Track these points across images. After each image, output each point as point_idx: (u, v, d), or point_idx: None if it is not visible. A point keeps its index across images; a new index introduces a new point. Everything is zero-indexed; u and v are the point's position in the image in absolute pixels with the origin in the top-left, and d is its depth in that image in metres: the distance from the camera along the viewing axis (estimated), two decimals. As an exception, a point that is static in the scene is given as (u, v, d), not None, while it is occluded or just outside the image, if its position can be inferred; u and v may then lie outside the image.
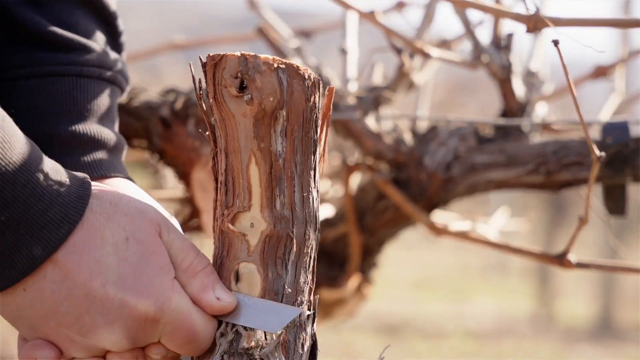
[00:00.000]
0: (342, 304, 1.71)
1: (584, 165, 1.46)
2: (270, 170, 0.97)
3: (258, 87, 0.96)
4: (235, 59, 0.96)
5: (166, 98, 1.50)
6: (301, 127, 0.98)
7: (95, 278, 0.93)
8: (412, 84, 1.63)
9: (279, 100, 0.96)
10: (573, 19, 1.13)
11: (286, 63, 0.96)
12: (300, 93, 0.97)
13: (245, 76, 0.96)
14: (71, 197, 0.93)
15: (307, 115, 0.98)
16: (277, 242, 0.98)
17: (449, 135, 1.55)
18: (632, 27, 1.14)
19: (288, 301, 0.98)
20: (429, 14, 1.63)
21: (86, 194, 0.95)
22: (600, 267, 1.46)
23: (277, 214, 0.98)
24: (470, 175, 1.53)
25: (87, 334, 0.94)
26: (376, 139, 1.55)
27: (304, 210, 0.99)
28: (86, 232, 0.93)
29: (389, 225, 1.64)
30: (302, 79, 0.97)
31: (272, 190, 0.97)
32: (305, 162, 0.99)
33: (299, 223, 0.99)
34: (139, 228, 0.96)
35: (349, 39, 1.68)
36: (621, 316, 7.60)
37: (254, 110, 0.96)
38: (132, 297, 0.94)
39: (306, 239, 0.99)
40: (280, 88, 0.96)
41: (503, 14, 1.20)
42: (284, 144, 0.97)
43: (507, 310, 7.70)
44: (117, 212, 0.95)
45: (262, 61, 0.96)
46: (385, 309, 7.07)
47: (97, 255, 0.94)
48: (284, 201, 0.98)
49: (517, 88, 1.58)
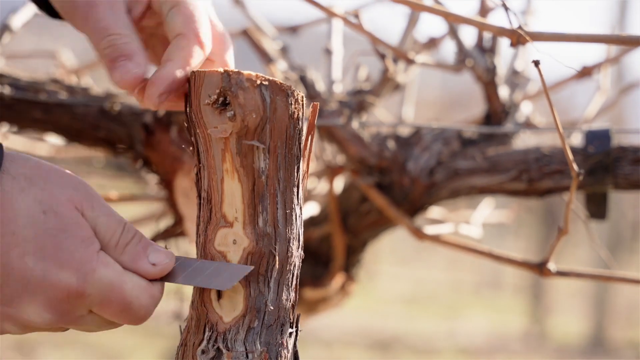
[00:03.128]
0: (326, 302, 1.72)
1: (565, 174, 1.47)
2: (253, 187, 0.97)
3: (241, 104, 0.95)
4: (218, 75, 0.96)
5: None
6: (284, 143, 0.98)
7: (12, 249, 0.91)
8: (396, 86, 1.63)
9: (262, 117, 0.96)
10: (556, 34, 1.13)
11: (269, 79, 0.96)
12: (284, 109, 0.97)
13: (228, 93, 0.96)
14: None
15: (290, 132, 0.98)
16: (260, 259, 0.98)
17: (433, 139, 1.55)
18: (615, 44, 1.14)
19: (270, 319, 0.98)
20: (413, 19, 1.64)
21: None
22: (580, 275, 1.47)
23: (259, 231, 0.98)
24: (453, 181, 1.53)
25: (10, 304, 0.93)
26: (360, 145, 1.55)
27: (287, 227, 0.99)
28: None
29: (373, 227, 1.65)
30: (285, 96, 0.97)
31: (254, 207, 0.97)
32: (288, 178, 0.99)
33: (282, 240, 0.98)
34: (57, 202, 0.93)
35: (334, 39, 1.68)
36: (613, 333, 7.60)
37: (237, 126, 0.96)
38: (53, 268, 0.92)
39: (289, 256, 0.99)
40: (263, 105, 0.96)
41: (487, 27, 1.20)
42: (267, 161, 0.97)
43: (499, 327, 7.69)
44: (32, 185, 0.93)
45: (246, 77, 0.96)
46: (377, 325, 7.06)
47: (12, 227, 0.91)
48: (266, 218, 0.98)
49: (502, 90, 1.59)
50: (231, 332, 0.98)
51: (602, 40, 1.18)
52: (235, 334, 0.97)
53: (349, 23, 1.47)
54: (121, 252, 0.96)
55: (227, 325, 0.98)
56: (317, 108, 1.02)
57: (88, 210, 0.95)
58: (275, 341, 0.98)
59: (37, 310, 0.94)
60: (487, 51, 1.58)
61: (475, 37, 1.59)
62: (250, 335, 0.98)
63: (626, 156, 1.44)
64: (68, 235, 0.93)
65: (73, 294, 0.93)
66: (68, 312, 0.95)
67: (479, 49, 1.58)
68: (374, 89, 1.60)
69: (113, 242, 0.96)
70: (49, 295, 0.93)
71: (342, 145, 1.55)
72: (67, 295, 0.93)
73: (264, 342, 0.98)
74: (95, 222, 0.95)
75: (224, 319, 0.98)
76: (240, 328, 0.98)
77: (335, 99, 1.58)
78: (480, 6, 1.61)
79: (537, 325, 7.93)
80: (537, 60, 1.07)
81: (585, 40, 1.14)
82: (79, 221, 0.94)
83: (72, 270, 0.93)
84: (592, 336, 7.65)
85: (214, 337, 0.98)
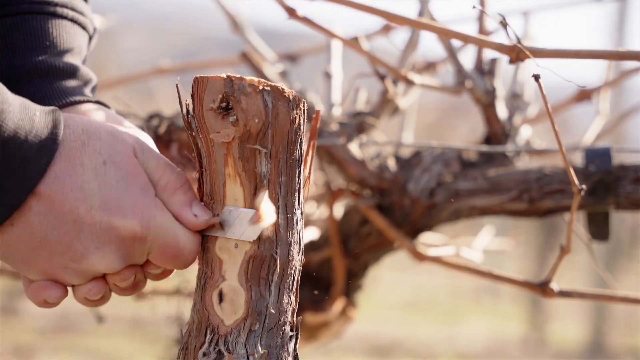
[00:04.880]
0: (327, 327, 1.72)
1: (566, 193, 1.46)
2: (254, 192, 0.98)
3: (243, 109, 0.96)
4: (221, 80, 0.97)
5: (150, 123, 1.51)
6: (286, 148, 0.99)
7: (80, 204, 0.95)
8: (396, 108, 1.64)
9: (264, 122, 0.97)
10: (555, 50, 1.14)
11: (271, 85, 0.97)
12: (285, 115, 0.98)
13: (230, 98, 0.96)
14: (44, 128, 0.94)
15: (291, 137, 0.99)
16: (261, 263, 0.98)
17: (433, 160, 1.55)
18: (614, 59, 1.15)
19: (271, 322, 0.99)
20: (413, 40, 1.64)
21: (58, 122, 0.96)
22: (583, 295, 1.46)
23: (261, 235, 0.98)
24: (454, 201, 1.53)
25: (80, 259, 0.97)
26: (360, 166, 1.56)
27: (288, 232, 0.99)
28: (65, 161, 0.95)
29: (373, 250, 1.64)
30: (287, 101, 0.98)
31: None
32: (289, 183, 0.99)
33: (283, 244, 0.99)
34: (114, 151, 0.97)
35: (333, 63, 1.69)
36: (613, 340, 7.59)
37: (240, 131, 0.97)
38: (118, 218, 0.96)
39: (290, 260, 1.00)
40: (265, 110, 0.97)
41: (486, 44, 1.21)
42: (268, 166, 0.98)
43: (498, 333, 7.68)
44: (90, 137, 0.97)
45: (248, 83, 0.97)
46: (376, 331, 7.05)
47: (79, 182, 0.95)
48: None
49: (501, 113, 1.59)
50: (232, 335, 0.98)
51: (602, 56, 1.18)
52: (237, 337, 0.98)
53: (349, 44, 1.48)
54: (171, 194, 0.99)
55: (228, 328, 0.98)
56: (319, 114, 1.03)
57: (139, 153, 0.99)
58: (276, 344, 0.99)
59: (107, 260, 0.97)
60: (487, 73, 1.58)
61: (475, 60, 1.59)
62: (252, 338, 0.98)
63: (627, 175, 1.44)
64: (128, 184, 0.97)
65: (137, 240, 0.97)
66: (132, 258, 0.99)
67: (478, 71, 1.58)
68: (373, 110, 1.60)
69: (163, 183, 0.99)
70: (116, 244, 0.97)
71: (342, 166, 1.56)
72: (133, 242, 0.97)
73: (265, 345, 0.98)
74: (146, 165, 0.99)
75: (225, 322, 0.98)
76: (242, 331, 0.98)
77: (335, 121, 1.58)
78: (480, 25, 1.62)
79: (536, 332, 7.92)
80: (537, 75, 1.08)
81: (584, 56, 1.15)
82: (136, 168, 0.98)
83: (136, 218, 0.97)
84: (591, 342, 7.63)
85: (215, 340, 0.98)
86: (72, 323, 5.90)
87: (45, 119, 0.95)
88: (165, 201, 0.99)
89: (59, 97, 1.06)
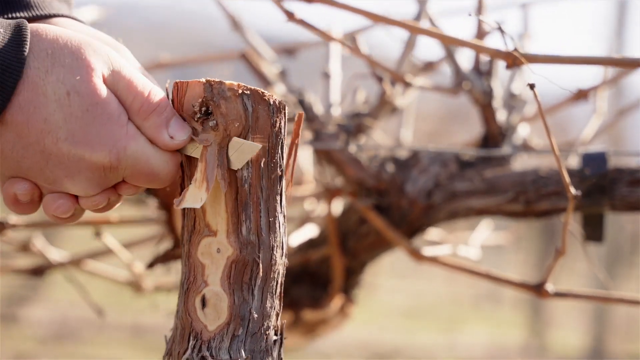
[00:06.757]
0: (325, 324, 1.72)
1: (562, 195, 1.46)
2: (236, 196, 0.98)
3: (223, 113, 0.96)
4: (200, 85, 0.97)
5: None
6: (267, 152, 0.98)
7: (45, 137, 0.94)
8: (394, 109, 1.64)
9: (244, 126, 0.97)
10: (551, 56, 1.14)
11: (251, 89, 0.97)
12: (266, 119, 0.98)
13: (210, 102, 0.97)
14: (8, 48, 0.92)
15: (272, 141, 0.99)
16: (244, 268, 0.98)
17: (430, 161, 1.56)
18: (610, 65, 1.15)
19: (254, 327, 0.99)
20: (411, 43, 1.65)
21: (24, 40, 0.92)
22: (578, 296, 1.46)
23: (243, 239, 0.98)
24: (451, 202, 1.53)
25: (53, 184, 0.97)
26: (358, 167, 1.56)
27: (270, 236, 0.99)
28: (29, 91, 0.93)
29: (371, 249, 1.64)
30: (267, 105, 0.98)
31: (238, 216, 0.98)
32: (271, 187, 0.99)
33: (266, 248, 0.99)
34: (77, 80, 0.94)
35: (332, 63, 1.69)
36: (613, 346, 7.58)
37: (220, 135, 0.97)
38: (86, 150, 0.95)
39: (272, 264, 1.00)
40: (245, 114, 0.97)
41: (483, 49, 1.21)
42: (249, 170, 0.98)
43: (499, 340, 7.67)
44: (54, 63, 0.93)
45: (227, 87, 0.97)
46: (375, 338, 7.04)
47: (44, 113, 0.94)
48: (250, 226, 0.98)
49: (499, 113, 1.59)
50: (216, 340, 0.98)
51: (598, 62, 1.19)
52: (220, 342, 0.98)
53: (347, 46, 1.48)
54: (144, 118, 0.97)
55: (211, 333, 0.98)
56: (302, 117, 1.03)
57: (108, 76, 0.96)
58: (259, 349, 0.99)
59: (77, 186, 0.97)
60: (484, 74, 1.58)
61: (472, 60, 1.59)
62: (235, 343, 0.98)
63: (622, 178, 1.44)
64: (94, 114, 0.95)
65: (108, 170, 0.96)
66: (106, 183, 0.98)
67: (476, 71, 1.58)
68: (371, 111, 1.61)
69: (136, 106, 0.97)
70: (86, 174, 0.96)
71: (340, 167, 1.56)
72: (104, 171, 0.96)
73: (249, 350, 0.98)
74: (116, 88, 0.96)
75: (209, 327, 0.98)
76: (225, 336, 0.98)
77: (333, 121, 1.59)
78: (477, 29, 1.62)
79: (537, 338, 7.91)
80: (532, 84, 1.08)
81: (580, 62, 1.15)
82: (102, 95, 0.95)
83: (105, 150, 0.95)
84: (592, 349, 7.62)
85: (198, 345, 0.98)
86: (72, 331, 5.90)
87: (10, 37, 0.92)
88: (139, 125, 0.97)
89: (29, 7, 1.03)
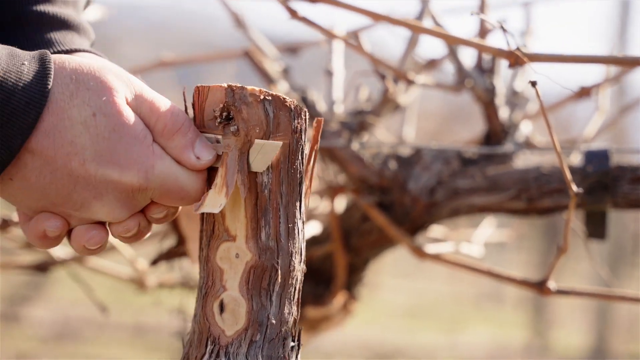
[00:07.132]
0: (328, 320, 1.72)
1: (564, 193, 1.47)
2: (255, 202, 0.98)
3: (244, 118, 0.96)
4: (221, 90, 0.97)
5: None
6: (287, 158, 0.99)
7: (72, 159, 0.94)
8: (397, 106, 1.64)
9: (265, 132, 0.97)
10: (553, 55, 1.14)
11: (272, 95, 0.97)
12: (287, 124, 0.98)
13: (231, 107, 0.96)
14: (33, 80, 0.92)
15: (293, 147, 0.99)
16: (262, 273, 0.98)
17: (433, 159, 1.56)
18: (612, 64, 1.15)
19: (272, 332, 0.99)
20: (413, 40, 1.65)
21: (47, 72, 0.93)
22: (580, 294, 1.47)
23: (262, 245, 0.98)
24: (454, 200, 1.54)
25: (80, 209, 0.96)
26: (360, 164, 1.56)
27: (289, 242, 0.99)
28: (54, 115, 0.93)
29: (374, 246, 1.65)
30: (288, 111, 0.98)
31: (257, 221, 0.98)
32: (291, 193, 0.99)
33: (284, 254, 0.99)
34: (103, 101, 0.94)
35: (335, 60, 1.69)
36: (615, 346, 7.58)
37: (240, 141, 0.96)
38: (114, 170, 0.95)
39: (291, 270, 1.00)
40: (266, 119, 0.97)
41: (485, 49, 1.21)
42: (269, 175, 0.98)
43: (501, 340, 7.67)
44: (79, 87, 0.94)
45: (249, 92, 0.97)
46: (377, 338, 7.05)
47: (70, 136, 0.93)
48: (269, 232, 0.98)
49: (501, 110, 1.60)
50: (233, 345, 0.98)
51: (600, 61, 1.19)
52: (238, 348, 0.98)
53: (350, 44, 1.48)
54: (169, 138, 0.97)
55: (229, 338, 0.98)
56: (321, 123, 1.03)
57: (131, 99, 0.96)
58: (277, 355, 0.99)
59: (105, 208, 0.97)
60: (487, 72, 1.59)
61: (475, 58, 1.60)
62: (252, 349, 0.98)
63: (625, 175, 1.45)
64: (121, 134, 0.95)
65: (137, 191, 0.96)
66: (135, 206, 0.98)
67: (479, 69, 1.59)
68: (374, 109, 1.61)
69: (159, 127, 0.97)
70: (115, 195, 0.96)
71: (343, 164, 1.56)
72: (132, 192, 0.96)
73: (266, 356, 0.98)
74: (139, 110, 0.97)
75: (226, 332, 0.99)
76: (243, 342, 0.98)
77: (336, 119, 1.59)
78: (480, 27, 1.62)
79: (539, 338, 7.91)
80: (534, 81, 1.09)
81: (582, 61, 1.15)
82: (128, 116, 0.95)
83: (133, 170, 0.95)
84: (594, 348, 7.63)
85: (216, 350, 0.98)
86: (74, 331, 5.90)
87: (34, 68, 0.93)
88: (164, 146, 0.97)
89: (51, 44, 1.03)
